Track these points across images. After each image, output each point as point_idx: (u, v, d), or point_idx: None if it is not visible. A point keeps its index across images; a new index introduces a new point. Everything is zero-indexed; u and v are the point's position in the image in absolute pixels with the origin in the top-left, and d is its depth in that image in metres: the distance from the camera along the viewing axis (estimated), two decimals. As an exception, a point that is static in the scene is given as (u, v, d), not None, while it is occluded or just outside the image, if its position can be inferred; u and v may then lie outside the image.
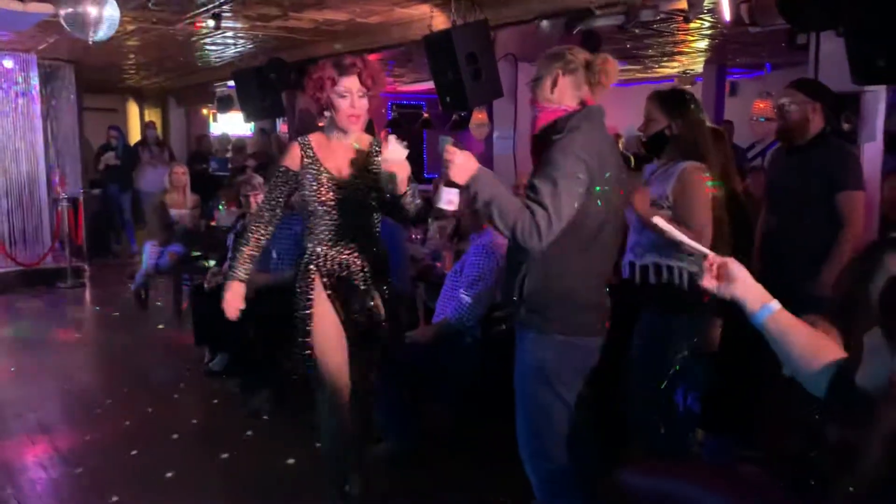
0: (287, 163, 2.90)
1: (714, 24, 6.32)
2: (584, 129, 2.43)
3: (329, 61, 2.82)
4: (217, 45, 8.05)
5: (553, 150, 2.41)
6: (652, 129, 3.03)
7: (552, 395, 2.52)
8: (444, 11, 5.59)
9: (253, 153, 8.98)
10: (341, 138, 2.89)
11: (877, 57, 3.13)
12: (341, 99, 2.81)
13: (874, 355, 1.50)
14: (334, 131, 2.90)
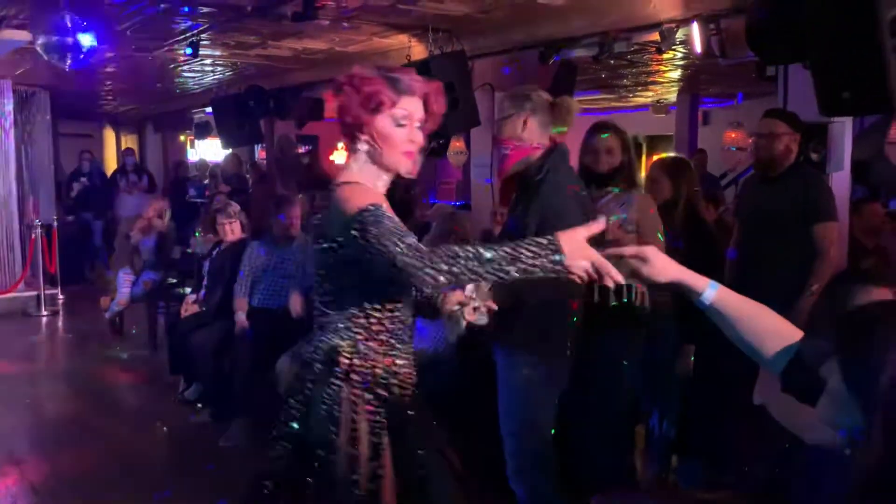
0: (379, 201, 1.98)
1: (686, 56, 6.45)
2: (563, 169, 2.55)
3: (380, 74, 2.04)
4: (195, 73, 8.06)
5: (542, 192, 2.50)
6: (611, 161, 3.13)
7: (540, 413, 2.63)
8: (423, 41, 5.66)
9: (227, 179, 8.95)
10: (386, 183, 2.08)
11: (842, 89, 3.20)
12: (398, 128, 2.03)
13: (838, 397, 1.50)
14: (380, 173, 2.05)
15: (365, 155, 2.04)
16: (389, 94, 2.01)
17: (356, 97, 2.00)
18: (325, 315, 2.01)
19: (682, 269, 1.70)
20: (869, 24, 3.02)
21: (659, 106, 10.45)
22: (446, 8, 4.92)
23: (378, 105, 2.00)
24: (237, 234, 5.20)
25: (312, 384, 1.98)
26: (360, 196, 1.92)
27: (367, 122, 2.01)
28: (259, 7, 4.92)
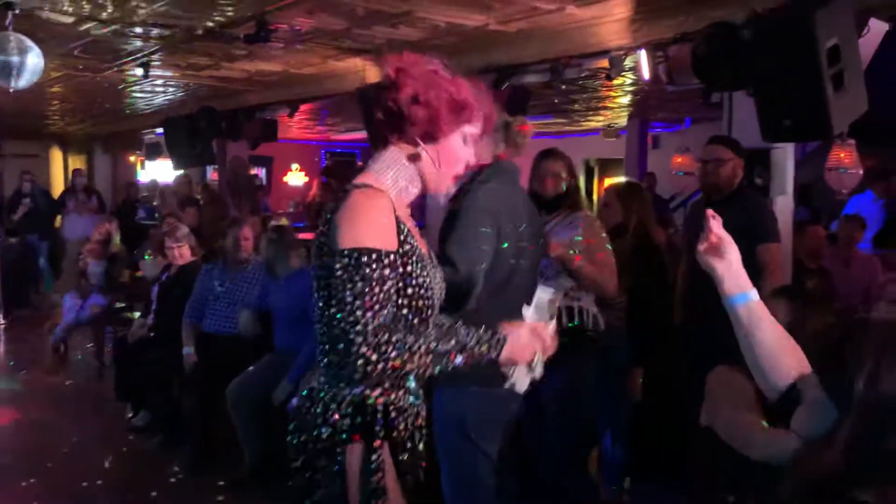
0: (379, 242, 1.63)
1: (635, 82, 6.59)
2: (492, 184, 2.50)
3: (466, 80, 1.77)
4: (146, 93, 7.95)
5: (457, 202, 2.46)
6: (558, 185, 3.21)
7: (475, 450, 2.50)
8: (377, 64, 5.68)
9: (182, 201, 8.81)
10: (411, 195, 1.82)
11: (784, 116, 3.32)
12: (465, 146, 1.78)
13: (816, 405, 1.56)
14: (414, 184, 1.80)
15: (409, 160, 1.75)
16: (475, 109, 1.77)
17: (446, 100, 1.71)
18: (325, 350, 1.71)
19: (729, 270, 1.77)
20: (808, 53, 3.13)
21: (610, 130, 10.64)
22: (400, 33, 4.96)
23: (468, 118, 1.75)
24: (186, 257, 5.10)
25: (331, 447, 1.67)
26: (366, 216, 1.63)
27: (445, 134, 1.73)
28: (211, 29, 4.89)
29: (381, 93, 1.73)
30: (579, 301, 3.11)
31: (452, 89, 1.72)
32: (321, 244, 1.67)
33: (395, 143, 1.75)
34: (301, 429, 1.71)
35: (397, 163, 1.75)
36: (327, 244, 1.65)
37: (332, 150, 14.66)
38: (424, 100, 1.69)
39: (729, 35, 3.59)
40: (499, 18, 4.57)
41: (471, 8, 4.39)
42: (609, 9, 4.36)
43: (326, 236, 1.66)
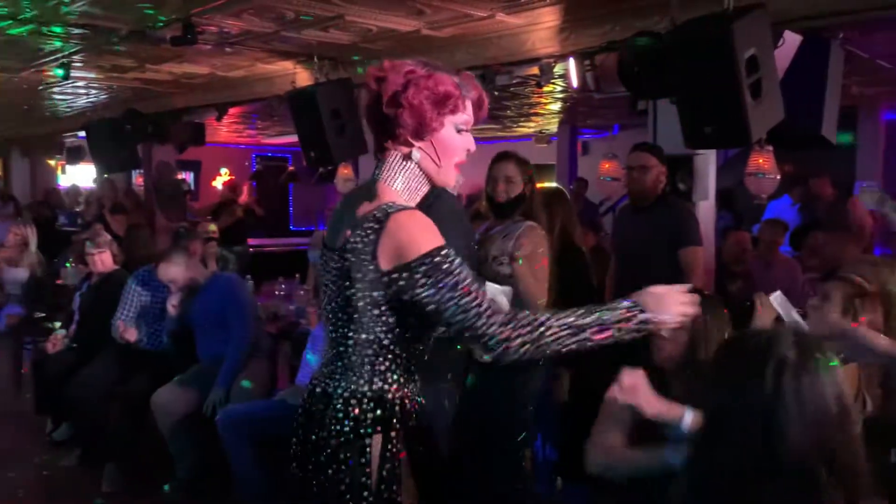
0: (439, 239, 1.70)
1: (565, 89, 6.71)
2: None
3: (443, 70, 1.78)
4: (67, 95, 7.69)
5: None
6: (512, 190, 3.20)
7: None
8: (308, 68, 5.63)
9: (112, 207, 8.52)
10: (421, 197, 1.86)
11: (705, 124, 3.43)
12: (458, 134, 1.80)
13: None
14: (423, 187, 1.84)
15: (415, 166, 1.78)
16: (460, 96, 1.77)
17: (427, 96, 1.72)
18: (347, 349, 1.76)
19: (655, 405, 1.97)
20: (727, 63, 3.25)
21: (541, 136, 10.81)
22: (331, 36, 4.93)
23: (453, 108, 1.76)
24: (108, 265, 4.92)
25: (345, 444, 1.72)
26: (416, 225, 1.67)
27: (435, 128, 1.75)
28: (135, 30, 4.76)
29: (369, 105, 1.79)
30: None
31: (431, 83, 1.74)
32: (346, 262, 1.72)
33: (392, 148, 1.79)
34: (318, 427, 1.76)
35: (401, 166, 1.79)
36: (360, 263, 1.69)
37: (262, 154, 14.44)
38: (405, 100, 1.73)
39: (653, 44, 3.69)
40: (430, 24, 4.59)
41: (402, 13, 4.40)
42: (538, 17, 4.43)
43: (355, 255, 1.70)
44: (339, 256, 1.75)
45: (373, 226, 1.69)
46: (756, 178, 6.01)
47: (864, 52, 4.94)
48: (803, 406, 1.41)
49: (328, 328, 1.82)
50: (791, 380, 1.41)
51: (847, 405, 1.48)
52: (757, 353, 1.46)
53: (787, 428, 1.40)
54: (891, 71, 5.67)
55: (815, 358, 1.45)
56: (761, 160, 5.98)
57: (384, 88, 1.74)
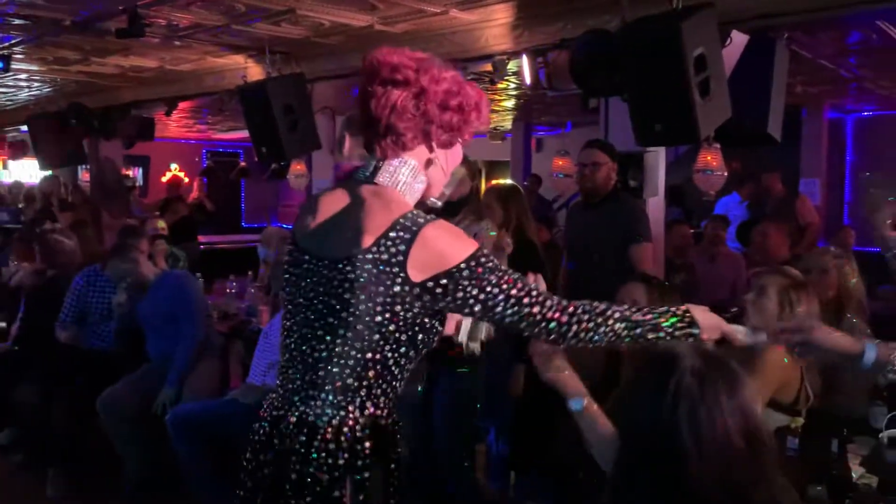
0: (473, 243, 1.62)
1: (519, 86, 6.75)
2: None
3: (462, 77, 1.70)
4: (8, 88, 7.45)
5: None
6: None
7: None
8: (259, 63, 5.55)
9: (60, 203, 8.26)
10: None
11: (655, 121, 3.48)
12: (458, 146, 1.74)
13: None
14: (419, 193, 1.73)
15: (424, 172, 1.68)
16: (484, 112, 1.69)
17: (473, 105, 1.65)
18: (333, 370, 1.58)
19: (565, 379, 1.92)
20: (676, 61, 3.30)
21: (496, 133, 10.85)
22: (283, 31, 4.87)
23: (481, 122, 1.68)
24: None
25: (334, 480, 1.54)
26: (451, 233, 1.58)
27: (465, 139, 1.69)
28: (79, 21, 4.63)
29: (393, 96, 1.61)
30: None
31: (474, 94, 1.65)
32: (361, 272, 1.55)
33: (411, 150, 1.65)
34: (300, 463, 1.55)
35: (413, 171, 1.67)
36: (383, 275, 1.54)
37: (213, 149, 14.21)
38: (455, 105, 1.63)
39: (604, 43, 3.73)
40: (384, 19, 4.57)
41: (355, 8, 4.36)
42: (492, 13, 4.44)
43: (376, 266, 1.54)
44: (345, 267, 1.56)
45: (403, 236, 1.54)
46: (704, 175, 6.10)
47: (808, 52, 5.07)
48: (700, 440, 1.29)
49: (307, 346, 1.61)
50: (686, 410, 1.30)
51: (760, 438, 1.34)
52: (661, 375, 1.35)
53: (686, 462, 1.29)
54: (833, 71, 5.83)
55: (716, 385, 1.32)
56: (709, 157, 6.07)
57: (429, 86, 1.61)
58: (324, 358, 1.58)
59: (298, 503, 1.55)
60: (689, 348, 1.39)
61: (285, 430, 1.59)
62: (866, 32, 4.66)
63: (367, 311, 1.55)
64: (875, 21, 4.29)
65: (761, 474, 1.32)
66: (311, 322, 1.61)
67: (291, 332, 1.66)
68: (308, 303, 1.62)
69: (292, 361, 1.64)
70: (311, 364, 1.60)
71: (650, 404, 1.34)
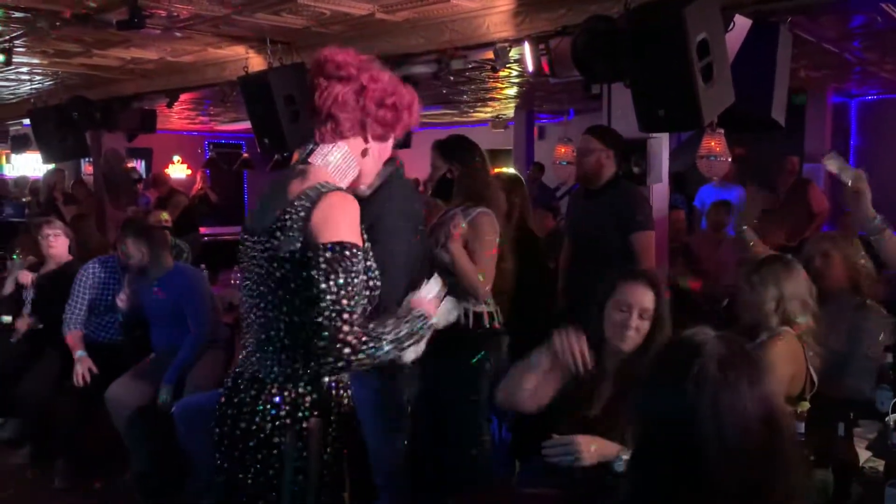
0: (356, 238, 1.80)
1: (521, 74, 6.73)
2: (395, 184, 2.58)
3: (396, 77, 1.93)
4: (10, 81, 7.45)
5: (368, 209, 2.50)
6: (435, 175, 3.19)
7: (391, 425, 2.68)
8: (260, 53, 5.54)
9: (65, 197, 8.27)
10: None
11: (658, 107, 3.46)
12: (390, 141, 1.96)
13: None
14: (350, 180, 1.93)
15: (355, 157, 1.88)
16: (416, 112, 1.93)
17: (406, 104, 1.89)
18: (279, 332, 1.77)
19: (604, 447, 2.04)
20: (679, 47, 3.28)
21: (498, 121, 10.82)
22: (284, 20, 4.85)
23: (412, 121, 1.92)
24: (62, 251, 4.79)
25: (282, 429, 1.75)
26: (345, 214, 1.72)
27: (397, 134, 1.92)
28: (80, 14, 4.61)
29: (342, 98, 1.81)
30: (476, 304, 3.15)
31: (409, 96, 1.89)
32: (275, 241, 1.73)
33: (347, 139, 1.85)
34: (249, 413, 1.75)
35: (347, 157, 1.86)
36: (289, 240, 1.71)
37: (216, 140, 14.20)
38: (391, 103, 1.85)
39: (606, 29, 3.71)
40: (384, 8, 4.55)
41: (356, -4, 4.35)
42: (493, 0, 4.41)
43: (284, 233, 1.72)
44: (265, 239, 1.75)
45: (304, 204, 1.72)
46: (708, 161, 6.10)
47: (811, 36, 5.04)
48: (721, 427, 1.28)
49: (253, 313, 1.81)
50: (709, 397, 1.29)
51: (781, 428, 1.33)
52: (683, 362, 1.34)
53: (706, 450, 1.28)
54: (837, 55, 5.80)
55: (739, 373, 1.31)
56: (713, 143, 6.07)
57: (370, 84, 1.82)
58: (264, 323, 1.79)
59: (248, 450, 1.75)
60: (712, 336, 1.38)
61: (241, 386, 1.80)
62: (870, 15, 4.63)
63: (283, 277, 1.73)
64: (879, 3, 4.26)
65: (782, 464, 1.31)
66: (252, 292, 1.83)
67: (243, 301, 1.89)
68: (250, 274, 1.84)
69: (248, 327, 1.86)
70: (257, 329, 1.81)
71: (672, 391, 1.33)
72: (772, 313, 2.67)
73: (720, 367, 1.31)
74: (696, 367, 1.31)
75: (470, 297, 3.07)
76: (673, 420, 1.32)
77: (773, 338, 2.63)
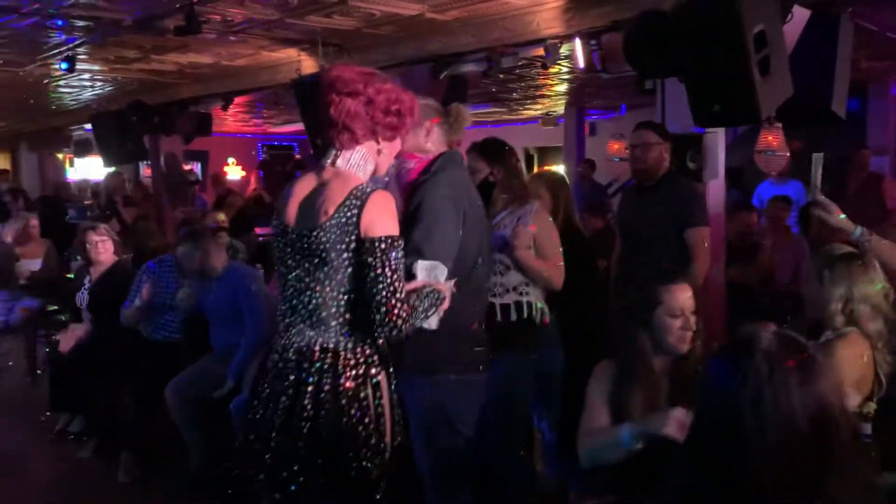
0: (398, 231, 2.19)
1: (571, 70, 6.67)
2: (449, 170, 2.55)
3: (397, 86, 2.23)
4: (73, 88, 7.70)
5: (418, 193, 2.49)
6: (476, 178, 3.18)
7: (455, 436, 2.57)
8: (312, 55, 5.61)
9: (125, 199, 8.51)
10: None
11: (713, 102, 3.39)
12: (399, 139, 2.30)
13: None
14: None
15: (371, 156, 2.22)
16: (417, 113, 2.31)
17: (407, 109, 2.22)
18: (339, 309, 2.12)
19: None
20: (735, 39, 3.21)
21: (548, 118, 10.75)
22: (335, 22, 4.91)
23: (416, 122, 2.35)
24: (108, 254, 4.91)
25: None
26: (390, 212, 2.11)
27: (402, 135, 2.28)
28: (139, 20, 4.74)
29: (353, 110, 2.13)
30: (527, 295, 3.14)
31: (408, 100, 2.22)
32: (330, 235, 2.08)
33: (362, 143, 2.18)
34: (332, 376, 2.09)
35: (364, 158, 2.20)
36: (344, 234, 2.07)
37: (269, 143, 14.44)
38: (395, 110, 2.18)
39: (658, 23, 3.65)
40: (434, 7, 4.56)
41: (406, -4, 4.37)
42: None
43: (340, 228, 2.07)
44: (319, 233, 2.08)
45: (355, 202, 2.08)
46: (765, 156, 5.96)
47: (873, 25, 4.88)
48: (763, 423, 1.25)
49: (305, 296, 2.13)
50: (752, 391, 1.26)
51: (835, 429, 1.28)
52: (737, 355, 1.32)
53: (748, 446, 1.26)
54: (901, 44, 5.60)
55: (786, 369, 1.28)
56: (770, 138, 5.93)
57: (375, 97, 2.14)
58: (321, 304, 2.12)
59: (333, 407, 2.07)
60: (769, 333, 1.36)
61: (310, 356, 2.10)
62: (937, 2, 4.47)
63: (339, 264, 2.09)
64: (946, -10, 4.10)
65: (832, 466, 1.27)
66: (303, 278, 2.14)
67: (287, 288, 2.19)
68: (296, 264, 2.15)
69: (294, 310, 2.17)
70: (312, 309, 2.13)
71: (723, 384, 1.32)
72: (837, 313, 2.52)
73: (768, 363, 1.29)
74: (747, 361, 1.30)
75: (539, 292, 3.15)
76: (721, 412, 1.31)
77: (837, 338, 2.51)
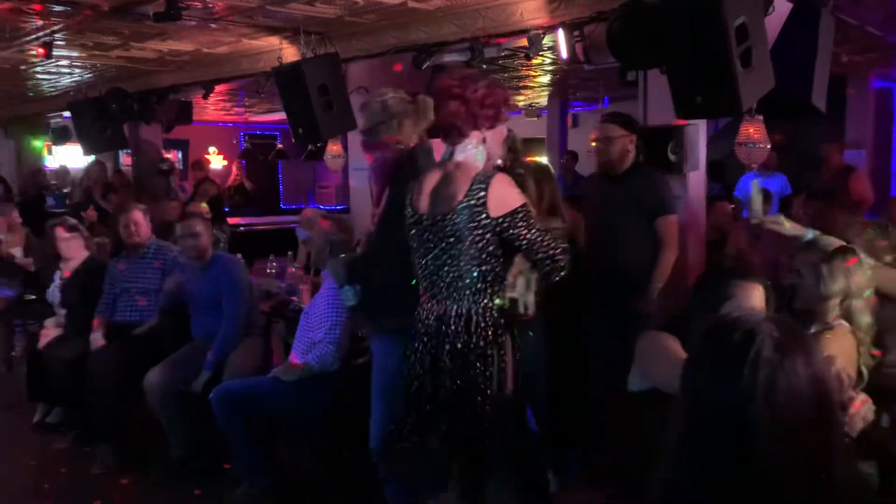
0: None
1: (554, 61, 6.67)
2: (423, 161, 2.67)
3: (490, 82, 2.61)
4: (51, 75, 7.58)
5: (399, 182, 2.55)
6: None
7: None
8: (294, 44, 5.56)
9: (104, 189, 8.40)
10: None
11: (695, 94, 3.41)
12: (500, 127, 2.65)
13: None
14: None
15: (480, 145, 2.57)
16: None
17: (502, 100, 2.59)
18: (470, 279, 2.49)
19: None
20: (717, 31, 3.22)
21: (531, 110, 10.74)
22: (317, 10, 4.87)
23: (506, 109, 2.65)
24: (76, 250, 4.87)
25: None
26: (513, 189, 2.52)
27: (500, 122, 2.63)
28: (118, 6, 4.68)
29: (451, 106, 2.54)
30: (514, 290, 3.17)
31: (501, 93, 2.60)
32: (462, 217, 2.47)
33: (469, 136, 2.56)
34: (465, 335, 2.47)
35: (480, 147, 2.57)
36: (475, 214, 2.46)
37: (250, 132, 14.32)
38: (490, 103, 2.55)
39: (642, 14, 3.66)
40: (417, -4, 4.54)
41: (388, -15, 4.34)
42: (526, -13, 4.38)
43: (470, 209, 2.46)
44: (453, 216, 2.47)
45: (481, 186, 2.47)
46: (747, 148, 5.97)
47: (854, 19, 4.91)
48: (775, 410, 1.25)
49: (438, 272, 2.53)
50: (764, 379, 1.27)
51: (833, 412, 1.33)
52: (736, 344, 1.31)
53: (757, 434, 1.26)
54: (881, 38, 5.65)
55: (794, 355, 1.29)
56: (752, 130, 5.94)
57: (471, 98, 2.52)
58: (457, 276, 2.51)
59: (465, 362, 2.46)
60: (764, 319, 1.35)
61: (447, 321, 2.50)
62: (916, -3, 4.51)
63: (472, 241, 2.47)
64: (925, -15, 4.14)
65: (835, 451, 1.29)
66: (440, 255, 2.53)
67: (426, 265, 2.58)
68: (433, 245, 2.54)
69: (434, 281, 2.56)
70: (449, 281, 2.52)
71: (724, 375, 1.30)
72: (834, 307, 2.57)
73: (776, 349, 1.29)
74: (752, 350, 1.29)
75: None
76: (723, 403, 1.29)
77: (825, 330, 2.54)
